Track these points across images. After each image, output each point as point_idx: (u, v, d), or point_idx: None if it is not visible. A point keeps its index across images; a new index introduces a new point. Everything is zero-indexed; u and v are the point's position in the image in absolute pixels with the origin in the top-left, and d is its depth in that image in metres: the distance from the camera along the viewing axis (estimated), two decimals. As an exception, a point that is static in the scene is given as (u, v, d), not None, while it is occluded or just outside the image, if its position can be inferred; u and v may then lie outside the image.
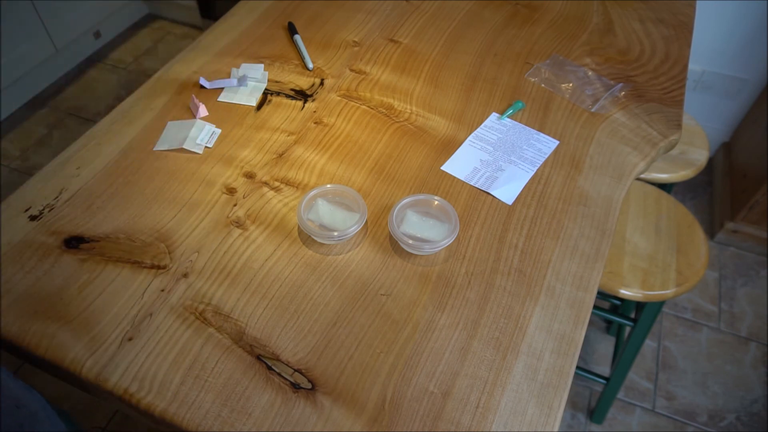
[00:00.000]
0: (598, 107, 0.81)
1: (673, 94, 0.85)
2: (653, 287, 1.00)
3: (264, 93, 0.81)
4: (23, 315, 0.56)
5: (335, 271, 0.61)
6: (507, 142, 0.76)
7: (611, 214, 0.68)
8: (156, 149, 0.73)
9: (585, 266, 0.63)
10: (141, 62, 2.26)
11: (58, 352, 0.54)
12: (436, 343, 0.56)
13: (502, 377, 0.54)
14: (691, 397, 1.42)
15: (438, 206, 0.65)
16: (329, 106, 0.80)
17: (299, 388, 0.52)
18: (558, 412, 0.52)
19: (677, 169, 1.20)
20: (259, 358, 0.54)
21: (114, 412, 1.35)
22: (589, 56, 0.90)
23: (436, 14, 0.97)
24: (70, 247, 0.62)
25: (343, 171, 0.71)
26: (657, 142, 0.78)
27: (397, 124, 0.78)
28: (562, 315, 0.59)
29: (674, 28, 0.98)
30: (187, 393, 0.51)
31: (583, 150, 0.76)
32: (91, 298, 0.58)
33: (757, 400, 1.42)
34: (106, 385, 0.52)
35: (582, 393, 1.43)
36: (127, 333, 0.55)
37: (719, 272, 1.68)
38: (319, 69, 0.85)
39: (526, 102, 0.82)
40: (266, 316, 0.57)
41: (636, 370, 1.47)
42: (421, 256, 0.63)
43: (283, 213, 0.66)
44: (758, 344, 1.52)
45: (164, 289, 0.59)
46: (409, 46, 0.90)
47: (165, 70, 0.84)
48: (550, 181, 0.72)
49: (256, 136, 0.75)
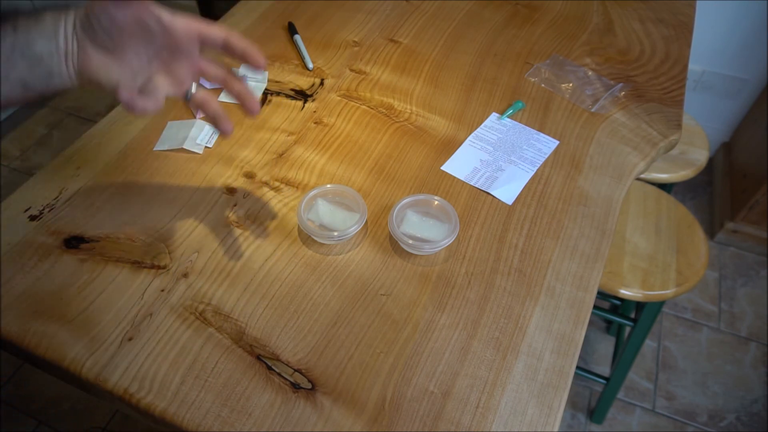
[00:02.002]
0: (598, 107, 0.81)
1: (673, 94, 0.85)
2: (653, 287, 1.00)
3: (264, 93, 0.81)
4: (23, 315, 0.56)
5: (335, 271, 0.61)
6: (507, 142, 0.76)
7: (611, 214, 0.68)
8: (156, 149, 0.73)
9: (585, 266, 0.63)
10: (141, 62, 2.26)
11: (58, 352, 0.54)
12: (436, 343, 0.56)
13: (502, 377, 0.54)
14: (691, 397, 1.43)
15: (438, 206, 0.65)
16: (329, 106, 0.80)
17: (299, 388, 0.52)
18: (558, 412, 0.52)
19: (677, 169, 1.20)
20: (259, 358, 0.54)
21: (114, 412, 1.35)
22: (589, 56, 0.90)
23: (436, 14, 0.97)
24: (70, 247, 0.62)
25: (343, 171, 0.71)
26: (657, 142, 0.78)
27: (397, 124, 0.78)
28: (562, 315, 0.59)
29: (674, 28, 0.98)
30: (187, 393, 0.51)
31: (583, 150, 0.76)
32: (91, 298, 0.58)
33: (757, 400, 1.42)
34: (106, 385, 0.52)
35: (582, 393, 1.43)
36: (127, 333, 0.55)
37: (719, 272, 1.68)
38: (319, 69, 0.85)
39: (526, 102, 0.82)
40: (266, 316, 0.57)
41: (636, 370, 1.47)
42: (421, 256, 0.63)
43: (283, 213, 0.66)
44: (758, 344, 1.52)
45: (164, 289, 0.59)
46: (409, 46, 0.90)
47: (165, 70, 0.84)
48: (550, 181, 0.72)
49: (256, 136, 0.75)
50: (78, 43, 0.49)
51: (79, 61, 0.50)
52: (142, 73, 0.53)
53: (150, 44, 0.52)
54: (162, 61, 0.54)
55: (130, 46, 0.51)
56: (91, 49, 0.50)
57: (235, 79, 0.57)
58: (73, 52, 0.49)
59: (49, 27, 0.48)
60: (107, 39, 0.50)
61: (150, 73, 0.54)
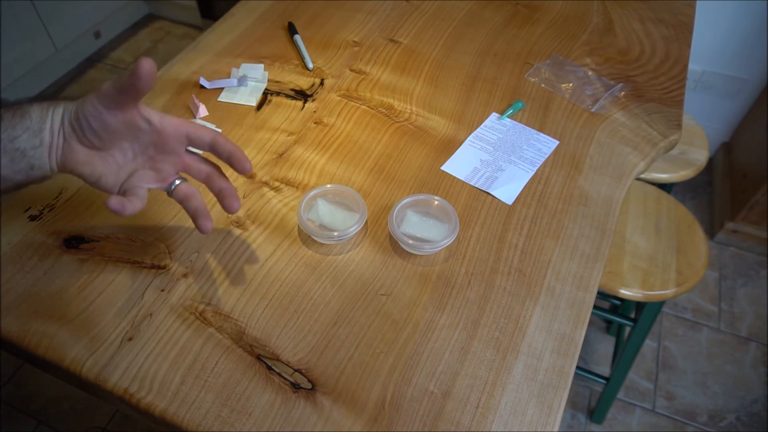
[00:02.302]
0: (598, 107, 0.81)
1: (673, 94, 0.85)
2: (653, 287, 1.00)
3: (264, 93, 0.81)
4: (23, 315, 0.56)
5: (335, 271, 0.61)
6: (507, 142, 0.76)
7: (611, 214, 0.68)
8: (156, 149, 0.73)
9: (585, 266, 0.63)
10: (141, 62, 2.26)
11: (58, 352, 0.54)
12: (436, 343, 0.56)
13: (502, 377, 0.54)
14: (691, 397, 1.43)
15: (438, 206, 0.65)
16: (329, 106, 0.80)
17: (299, 388, 0.52)
18: (558, 412, 0.52)
19: (677, 169, 1.20)
20: (259, 358, 0.54)
21: (114, 412, 1.35)
22: (589, 56, 0.90)
23: (436, 14, 0.97)
24: (70, 247, 0.62)
25: (343, 171, 0.71)
26: (657, 142, 0.78)
27: (397, 124, 0.78)
28: (562, 315, 0.59)
29: (674, 28, 0.98)
30: (187, 393, 0.51)
31: (583, 150, 0.76)
32: (91, 298, 0.58)
33: (757, 400, 1.42)
34: (106, 385, 0.52)
35: (582, 393, 1.43)
36: (127, 333, 0.55)
37: (719, 272, 1.68)
38: (319, 69, 0.85)
39: (526, 102, 0.82)
40: (266, 316, 0.57)
41: (636, 370, 1.47)
42: (421, 256, 0.63)
43: (283, 213, 0.66)
44: (758, 344, 1.52)
45: (164, 289, 0.59)
46: (409, 46, 0.90)
47: (165, 70, 0.84)
48: (550, 181, 0.72)
49: (256, 136, 0.75)
50: (64, 138, 0.48)
51: (63, 155, 0.49)
52: (127, 167, 0.52)
53: (137, 142, 0.51)
54: (148, 157, 0.53)
55: (117, 145, 0.51)
56: (77, 145, 0.49)
57: (219, 176, 0.56)
58: (58, 147, 0.49)
59: (35, 122, 0.47)
60: (95, 139, 0.49)
61: (134, 167, 0.53)
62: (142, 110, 0.50)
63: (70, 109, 0.49)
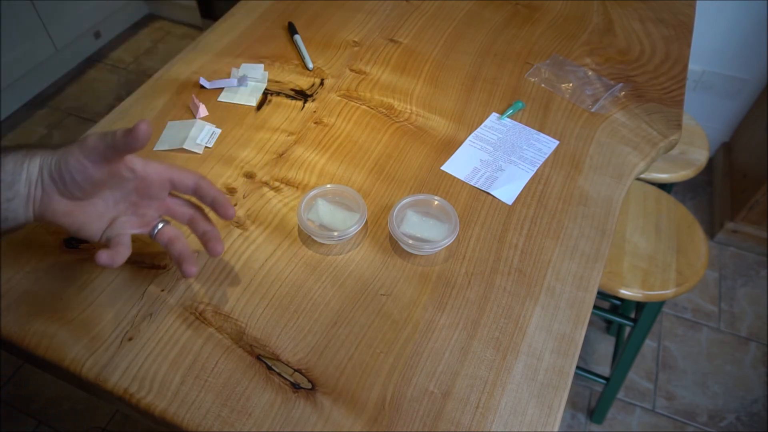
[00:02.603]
0: (598, 107, 0.81)
1: (673, 94, 0.85)
2: (653, 287, 1.00)
3: (264, 93, 0.81)
4: (23, 315, 0.56)
5: (335, 271, 0.61)
6: (507, 142, 0.76)
7: (611, 214, 0.68)
8: (156, 149, 0.73)
9: (585, 266, 0.63)
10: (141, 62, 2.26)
11: (58, 352, 0.54)
12: (436, 343, 0.56)
13: (502, 377, 0.54)
14: (691, 397, 1.43)
15: (438, 206, 0.65)
16: (329, 106, 0.80)
17: (299, 388, 0.52)
18: (558, 412, 0.52)
19: (677, 169, 1.20)
20: (259, 358, 0.54)
21: (114, 412, 1.35)
22: (589, 56, 0.90)
23: (436, 14, 0.97)
24: (70, 247, 0.62)
25: (343, 171, 0.71)
26: (657, 142, 0.78)
27: (397, 124, 0.78)
28: (562, 315, 0.59)
29: (674, 28, 0.98)
30: (187, 393, 0.51)
31: (583, 150, 0.76)
32: (91, 298, 0.58)
33: (757, 400, 1.42)
34: (106, 385, 0.52)
35: (582, 393, 1.43)
36: (127, 333, 0.55)
37: (719, 272, 1.68)
38: (319, 69, 0.85)
39: (526, 102, 0.82)
40: (266, 316, 0.57)
41: (636, 370, 1.47)
42: (421, 256, 0.63)
43: (283, 213, 0.66)
44: (758, 344, 1.52)
45: (164, 289, 0.59)
46: (409, 46, 0.90)
47: (165, 70, 0.84)
48: (550, 181, 0.72)
49: (256, 136, 0.75)
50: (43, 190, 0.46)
51: (41, 207, 0.47)
52: (108, 214, 0.51)
53: (119, 190, 0.51)
54: (130, 203, 0.52)
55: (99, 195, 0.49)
56: (56, 197, 0.47)
57: (202, 219, 0.55)
58: (36, 199, 0.47)
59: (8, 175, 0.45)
60: (77, 191, 0.47)
61: (116, 214, 0.52)
62: (125, 160, 0.49)
63: (49, 161, 0.46)
